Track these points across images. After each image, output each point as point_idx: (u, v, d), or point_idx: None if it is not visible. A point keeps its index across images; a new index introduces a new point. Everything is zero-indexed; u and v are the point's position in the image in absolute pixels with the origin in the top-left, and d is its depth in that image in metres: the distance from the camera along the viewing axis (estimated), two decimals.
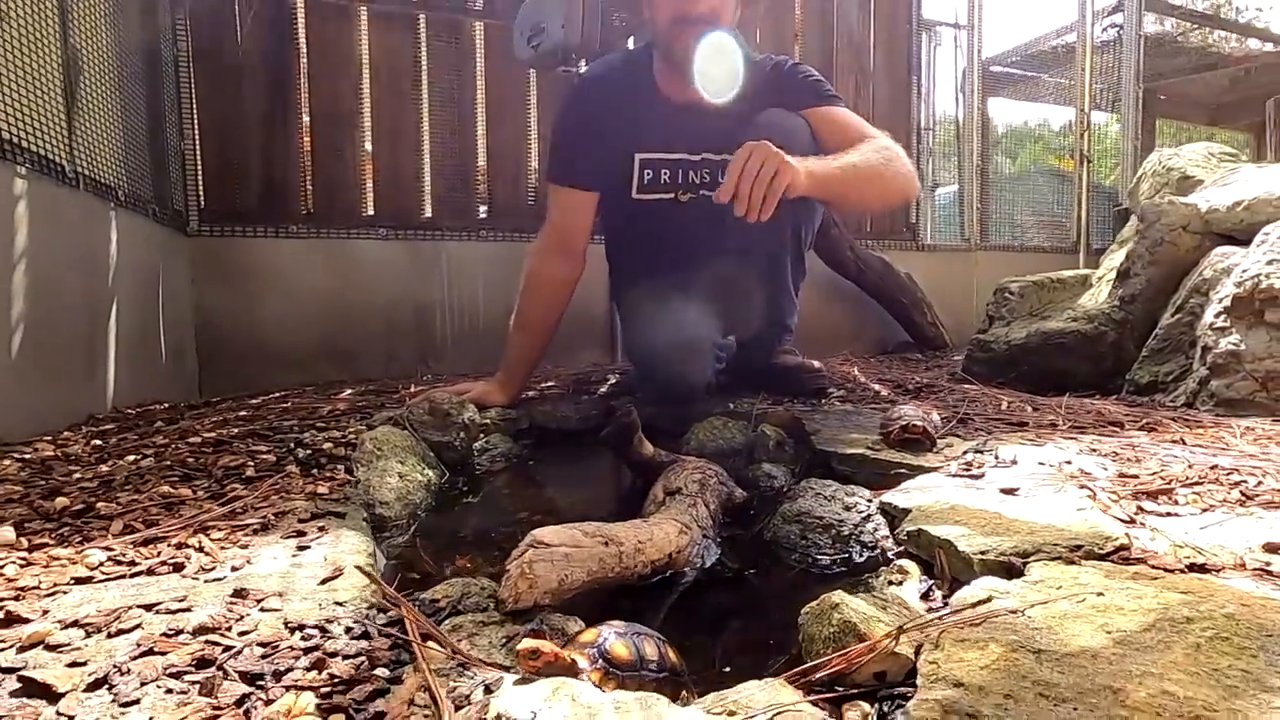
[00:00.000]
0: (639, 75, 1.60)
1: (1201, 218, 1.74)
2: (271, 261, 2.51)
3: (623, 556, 0.71)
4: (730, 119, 1.55)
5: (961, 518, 0.78)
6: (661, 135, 1.61)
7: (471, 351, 2.74)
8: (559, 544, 0.64)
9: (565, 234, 1.66)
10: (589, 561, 0.66)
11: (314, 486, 0.93)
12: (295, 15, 2.52)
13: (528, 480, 1.45)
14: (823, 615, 0.54)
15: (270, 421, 1.47)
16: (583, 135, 1.59)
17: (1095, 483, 0.90)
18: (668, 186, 1.67)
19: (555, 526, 0.67)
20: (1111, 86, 4.40)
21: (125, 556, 0.67)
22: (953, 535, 0.72)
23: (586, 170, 1.61)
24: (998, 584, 0.62)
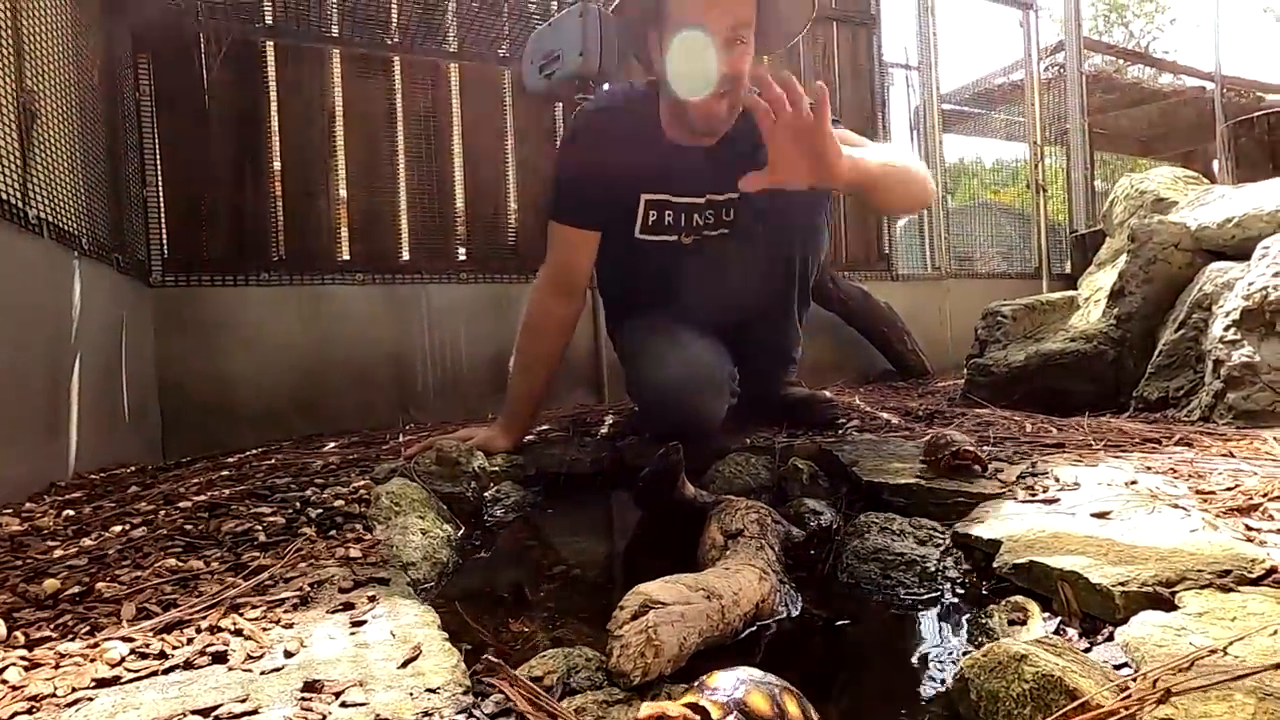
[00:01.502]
0: (644, 113, 1.54)
1: (1192, 235, 1.78)
2: (240, 311, 2.37)
3: (724, 611, 0.63)
4: (739, 156, 1.47)
5: (1073, 546, 0.72)
6: (668, 177, 1.56)
7: (454, 399, 2.63)
8: (673, 602, 0.56)
9: (567, 272, 1.61)
10: (699, 620, 0.58)
11: (343, 550, 0.82)
12: (265, 58, 2.44)
13: (548, 530, 1.35)
14: (1004, 669, 0.47)
15: (261, 480, 1.34)
16: (586, 173, 1.53)
17: (1181, 501, 0.86)
18: (672, 229, 1.61)
19: (657, 582, 0.59)
20: (1058, 121, 4.61)
21: (151, 647, 0.56)
22: (1076, 566, 0.67)
23: (590, 209, 1.56)
24: (1157, 618, 0.56)
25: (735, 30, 1.33)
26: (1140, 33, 13.87)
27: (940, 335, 3.81)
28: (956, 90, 5.22)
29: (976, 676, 0.50)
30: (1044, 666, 0.45)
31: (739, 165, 1.44)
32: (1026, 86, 4.26)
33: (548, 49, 1.54)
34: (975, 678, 0.50)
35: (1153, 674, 0.46)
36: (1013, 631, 0.66)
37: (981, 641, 0.68)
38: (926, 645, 0.69)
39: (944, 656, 0.67)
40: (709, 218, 1.61)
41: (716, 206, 1.60)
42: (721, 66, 1.34)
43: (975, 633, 0.70)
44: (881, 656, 0.70)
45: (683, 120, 1.45)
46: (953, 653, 0.67)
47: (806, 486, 1.33)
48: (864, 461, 1.28)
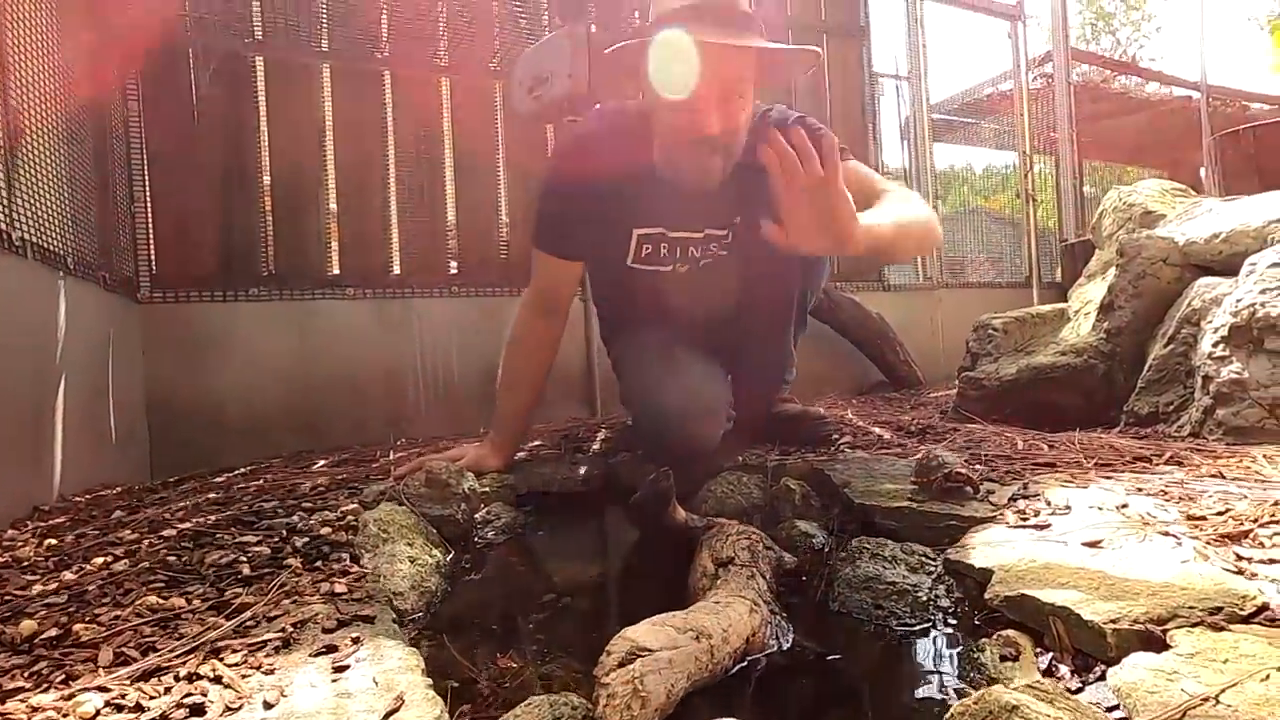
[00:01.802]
0: (633, 144, 1.43)
1: (1180, 250, 1.79)
2: (229, 327, 2.36)
3: (714, 651, 0.63)
4: (737, 190, 1.42)
5: (1063, 578, 0.72)
6: (659, 213, 1.49)
7: (446, 414, 2.61)
8: (661, 648, 0.55)
9: (550, 296, 1.60)
10: (688, 664, 0.57)
11: (328, 584, 0.81)
12: (254, 73, 2.44)
13: (539, 553, 1.34)
14: (996, 718, 0.47)
15: (248, 504, 1.32)
16: (572, 204, 1.47)
17: (1172, 528, 0.86)
18: (666, 260, 1.57)
19: (645, 624, 0.59)
20: (1046, 131, 4.65)
21: (127, 698, 0.54)
22: (1068, 601, 0.66)
23: (573, 241, 1.52)
24: (1149, 660, 0.56)
25: (729, 87, 1.27)
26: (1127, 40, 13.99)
27: (932, 345, 3.82)
28: (946, 100, 5.26)
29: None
30: (1037, 717, 0.45)
31: (740, 197, 1.44)
32: (1015, 97, 4.29)
33: (536, 71, 1.53)
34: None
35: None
36: (1004, 669, 0.66)
37: (973, 678, 0.68)
38: (918, 681, 0.68)
39: (935, 694, 0.66)
40: (708, 248, 1.57)
41: (717, 239, 1.56)
42: (714, 127, 1.27)
43: (967, 668, 0.69)
44: (872, 693, 0.69)
45: (677, 170, 1.37)
46: (944, 690, 0.66)
47: (798, 508, 1.32)
48: (856, 483, 1.27)
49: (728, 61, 1.24)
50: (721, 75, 1.24)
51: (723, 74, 1.24)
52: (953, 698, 0.64)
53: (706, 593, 0.86)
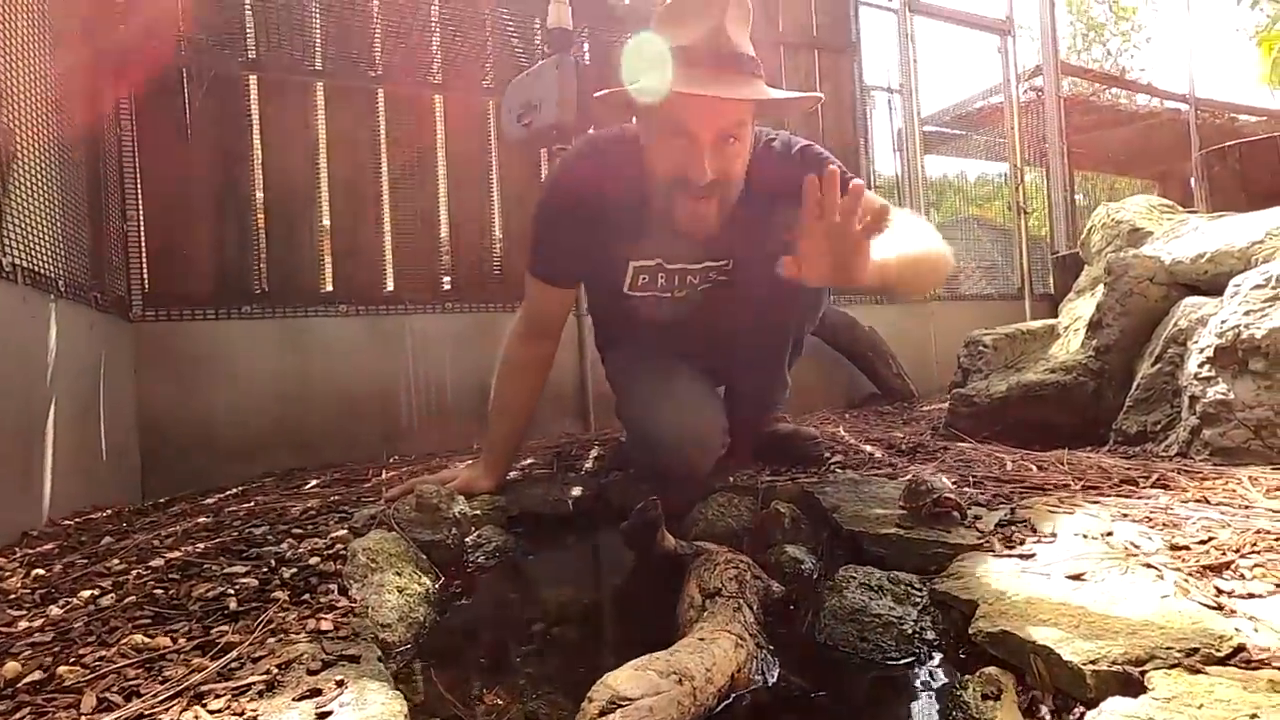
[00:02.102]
0: (631, 174, 1.38)
1: (1166, 270, 1.81)
2: (222, 345, 2.36)
3: (696, 694, 0.63)
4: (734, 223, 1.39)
5: (1045, 614, 0.73)
6: (655, 246, 1.47)
7: (440, 431, 2.61)
8: (642, 695, 0.55)
9: (542, 321, 1.59)
10: (670, 709, 0.58)
11: (314, 621, 0.81)
12: (248, 91, 2.45)
13: (529, 579, 1.34)
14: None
15: (237, 530, 1.32)
16: (567, 232, 1.44)
17: (1154, 558, 0.87)
18: (664, 288, 1.55)
19: (627, 669, 0.59)
20: (1037, 143, 4.68)
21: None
22: (1049, 640, 0.67)
23: (566, 270, 1.52)
24: (1126, 706, 0.56)
25: (725, 132, 1.22)
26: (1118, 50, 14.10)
27: (926, 358, 3.83)
28: (938, 113, 5.29)
29: None
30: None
31: (741, 228, 1.41)
32: (1006, 111, 4.33)
33: (526, 98, 1.55)
34: None
35: None
36: (986, 708, 0.66)
37: (956, 717, 0.68)
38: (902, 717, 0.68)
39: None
40: (707, 277, 1.55)
41: (715, 268, 1.54)
42: (710, 172, 1.22)
43: (950, 706, 0.69)
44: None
45: (671, 215, 1.33)
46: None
47: (788, 531, 1.33)
48: (845, 507, 1.28)
49: (724, 106, 1.20)
50: (716, 125, 1.20)
51: (717, 124, 1.20)
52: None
53: (693, 624, 0.87)
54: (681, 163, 1.22)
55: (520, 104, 1.57)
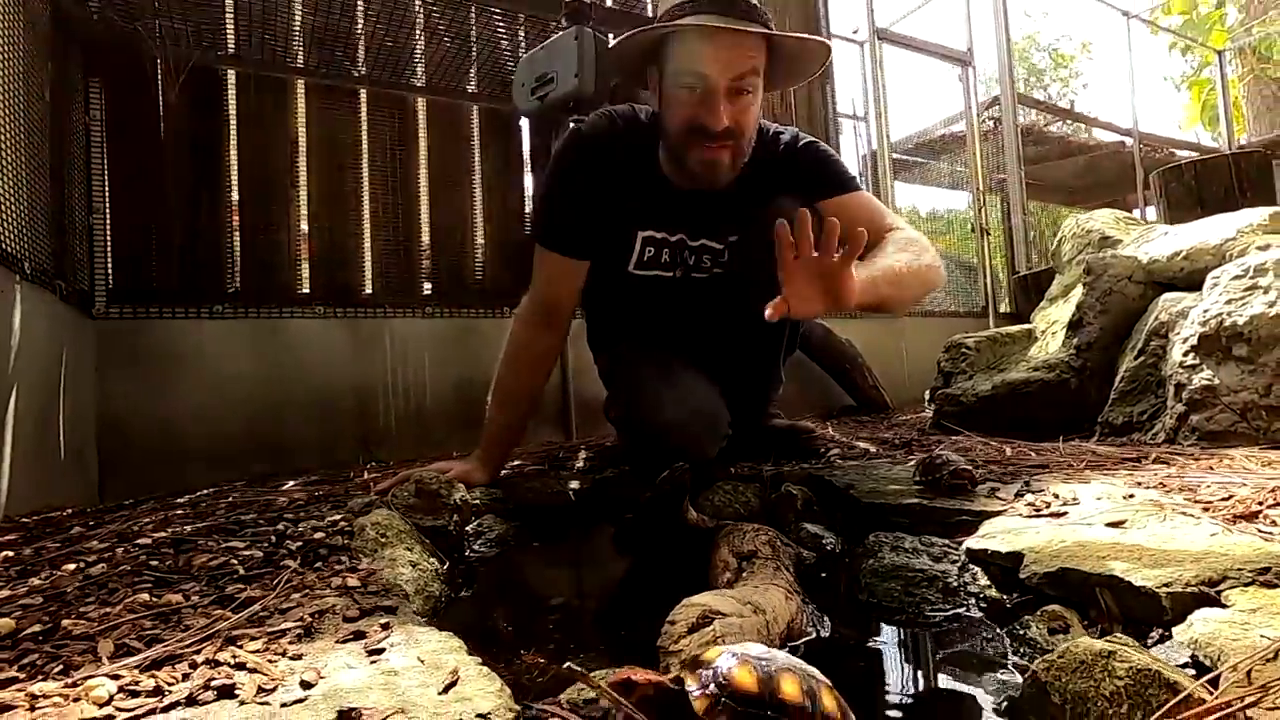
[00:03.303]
0: (641, 146, 1.42)
1: (1144, 268, 1.88)
2: (191, 345, 2.25)
3: (769, 626, 0.60)
4: (738, 205, 1.44)
5: (1102, 553, 0.72)
6: (664, 216, 1.48)
7: (419, 436, 2.53)
8: (731, 613, 0.52)
9: (552, 302, 1.54)
10: (754, 634, 0.55)
11: (339, 580, 0.76)
12: (225, 86, 2.38)
13: (537, 563, 1.28)
14: (1090, 667, 0.45)
15: (224, 517, 1.24)
16: (578, 200, 1.44)
17: (1188, 510, 0.87)
18: (667, 266, 1.55)
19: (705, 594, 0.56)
20: (995, 171, 4.88)
21: (143, 684, 0.49)
22: (1115, 571, 0.66)
23: (580, 238, 1.47)
24: (1217, 614, 0.56)
25: (740, 80, 1.24)
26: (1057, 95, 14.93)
27: (898, 371, 3.90)
28: (900, 141, 5.49)
29: (1056, 678, 0.47)
30: (1138, 661, 0.44)
31: (741, 212, 1.45)
32: (968, 135, 4.50)
33: (541, 71, 1.53)
34: (1054, 680, 0.47)
35: (1243, 665, 0.44)
36: (1056, 641, 0.65)
37: (1024, 652, 0.66)
38: (969, 659, 0.66)
39: (992, 668, 0.65)
40: (705, 260, 1.56)
41: (713, 251, 1.55)
42: (725, 119, 1.25)
43: (1016, 645, 0.68)
44: (926, 673, 0.68)
45: (683, 166, 1.36)
46: (1000, 666, 0.65)
47: (800, 512, 1.31)
48: (860, 485, 1.27)
49: (738, 49, 1.22)
50: (732, 64, 1.22)
51: (733, 63, 1.22)
52: (1012, 672, 0.62)
53: (731, 585, 0.83)
54: (697, 111, 1.25)
55: (534, 76, 1.56)
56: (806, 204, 1.48)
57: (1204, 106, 7.92)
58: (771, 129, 1.51)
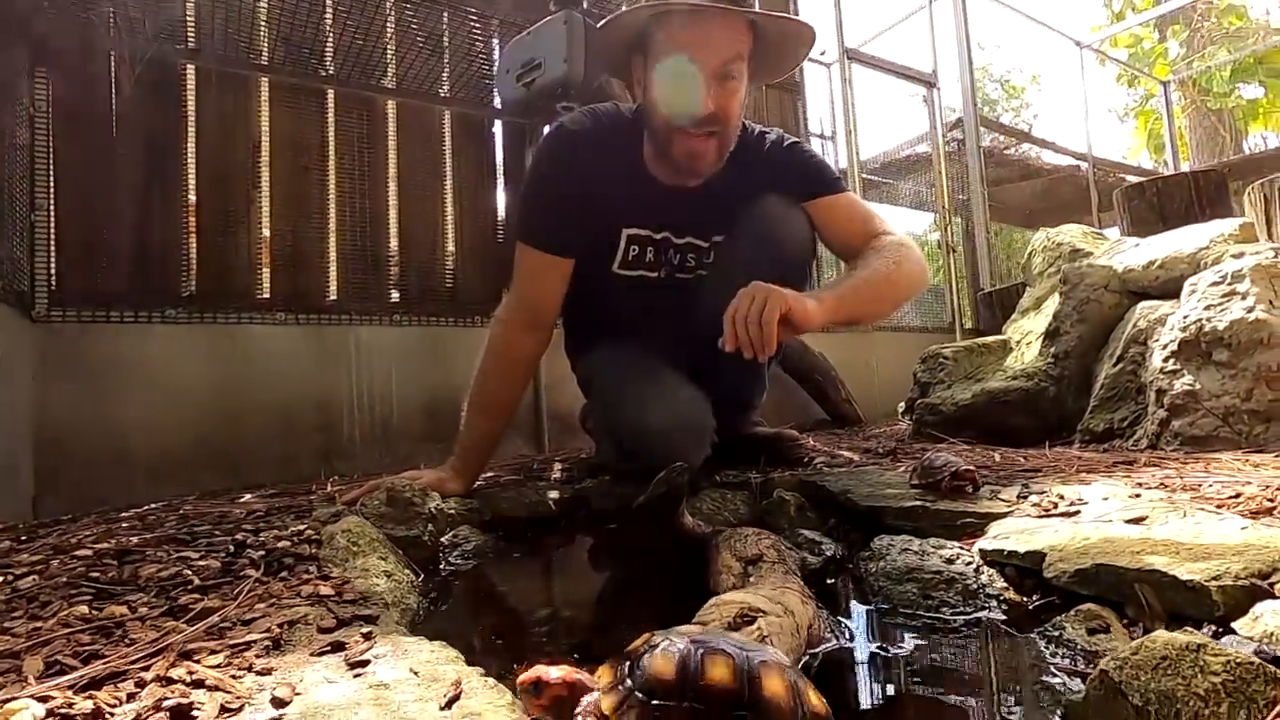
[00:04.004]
0: (625, 142, 1.41)
1: (1119, 277, 1.90)
2: (141, 351, 2.11)
3: (798, 630, 0.54)
4: (723, 203, 1.44)
5: (1133, 549, 0.68)
6: (649, 213, 1.45)
7: (384, 450, 2.43)
8: (770, 611, 0.46)
9: (535, 303, 1.48)
10: (786, 635, 0.49)
11: (310, 588, 0.68)
12: (184, 82, 2.28)
13: (521, 574, 1.21)
14: (1176, 663, 0.41)
15: (174, 528, 1.14)
16: (562, 197, 1.39)
17: (1204, 507, 0.85)
18: (651, 265, 1.51)
19: (732, 593, 0.50)
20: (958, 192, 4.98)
21: (78, 707, 0.41)
22: (1155, 567, 0.62)
23: (565, 235, 1.42)
24: (1272, 606, 0.52)
25: (726, 65, 1.24)
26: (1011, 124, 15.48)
27: (869, 386, 3.91)
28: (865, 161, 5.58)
29: (1133, 677, 0.43)
30: (1235, 654, 0.39)
31: (724, 211, 1.44)
32: (934, 155, 4.59)
33: (528, 57, 1.47)
34: (1131, 679, 0.43)
35: None
36: (1097, 641, 0.60)
37: (1063, 654, 0.62)
38: (1007, 664, 0.62)
39: (1035, 673, 0.60)
40: (690, 260, 1.52)
41: (698, 250, 1.52)
42: (709, 104, 1.24)
43: (1052, 646, 0.63)
44: (963, 680, 0.62)
45: (667, 157, 1.34)
46: (1041, 668, 0.60)
47: (794, 519, 1.26)
48: (856, 489, 1.22)
49: (724, 33, 1.21)
50: (718, 48, 1.21)
51: (719, 46, 1.21)
52: (1056, 675, 0.57)
53: (739, 590, 0.78)
54: (683, 98, 1.23)
55: (520, 63, 1.50)
56: (793, 204, 1.49)
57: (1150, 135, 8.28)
58: (756, 129, 1.50)
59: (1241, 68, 7.88)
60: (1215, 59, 7.85)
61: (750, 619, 0.46)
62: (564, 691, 0.39)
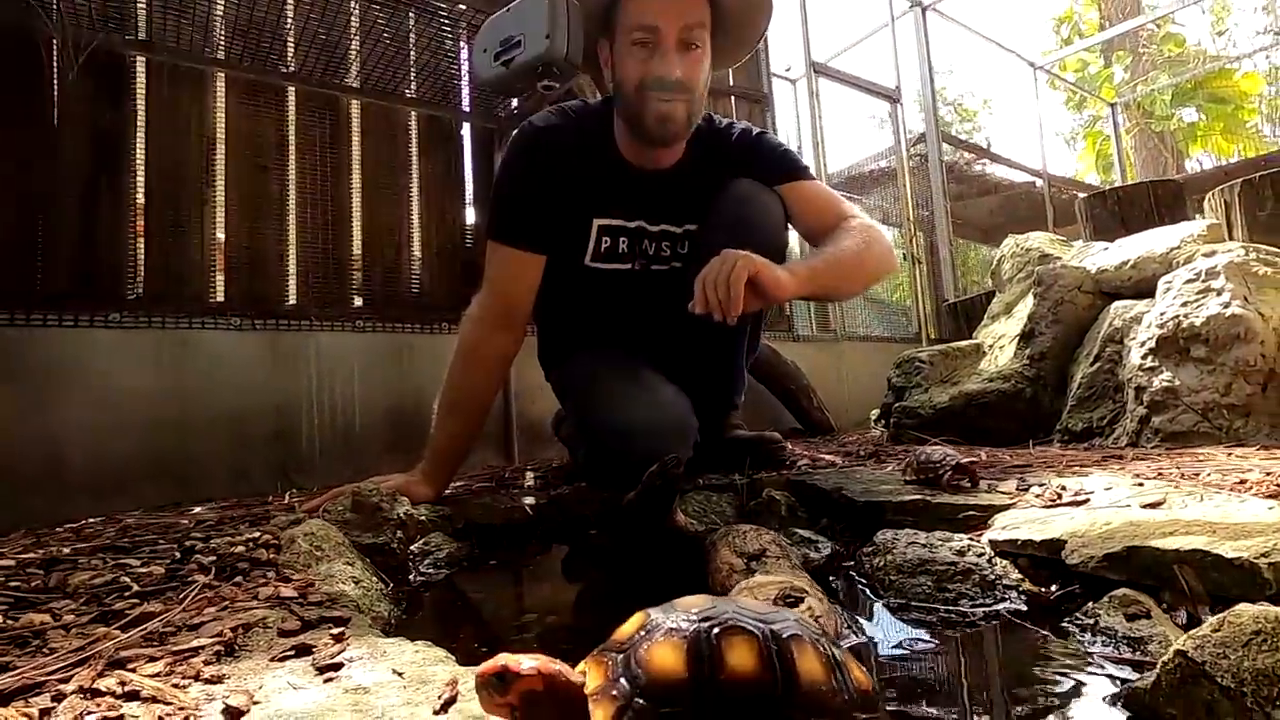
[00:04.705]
0: (596, 132, 1.42)
1: (1092, 278, 1.91)
2: (82, 357, 1.97)
3: (829, 614, 0.49)
4: (694, 189, 1.44)
5: (1165, 529, 0.65)
6: (622, 201, 1.44)
7: (345, 462, 2.30)
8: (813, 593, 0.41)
9: (507, 301, 1.44)
10: (832, 620, 0.43)
11: (270, 590, 0.60)
12: (134, 74, 2.16)
13: (498, 581, 1.13)
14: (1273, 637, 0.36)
15: (113, 538, 1.03)
16: (533, 191, 1.38)
17: (1220, 490, 0.82)
18: (625, 257, 1.49)
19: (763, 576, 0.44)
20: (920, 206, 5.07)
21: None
22: (1195, 546, 0.58)
23: (536, 229, 1.40)
24: None
25: (689, 31, 1.29)
26: None
27: (839, 394, 3.90)
28: (833, 174, 5.65)
29: (1219, 656, 0.38)
30: None
31: (700, 193, 1.44)
32: (898, 169, 4.66)
33: (506, 34, 1.42)
34: (1217, 659, 0.38)
35: None
36: (1138, 628, 0.56)
37: (1102, 642, 0.57)
38: (1045, 654, 0.57)
39: (1079, 662, 0.55)
40: (664, 248, 1.50)
41: (672, 238, 1.50)
42: (676, 70, 1.28)
43: (1088, 634, 0.59)
44: (1001, 673, 0.57)
45: (640, 125, 1.34)
46: (1083, 657, 0.56)
47: (785, 518, 1.21)
48: (849, 487, 1.18)
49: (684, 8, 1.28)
50: (680, 13, 1.28)
51: (681, 12, 1.28)
52: (1098, 665, 0.53)
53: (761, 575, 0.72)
54: (650, 65, 1.29)
55: (499, 40, 1.44)
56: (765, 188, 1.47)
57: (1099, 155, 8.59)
58: (724, 120, 1.53)
59: (1180, 92, 8.26)
60: (1157, 83, 8.21)
61: (796, 600, 0.40)
62: (537, 685, 0.31)
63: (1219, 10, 12.24)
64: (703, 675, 0.33)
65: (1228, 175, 4.18)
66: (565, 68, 1.35)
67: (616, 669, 0.33)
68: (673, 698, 0.33)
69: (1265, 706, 0.36)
